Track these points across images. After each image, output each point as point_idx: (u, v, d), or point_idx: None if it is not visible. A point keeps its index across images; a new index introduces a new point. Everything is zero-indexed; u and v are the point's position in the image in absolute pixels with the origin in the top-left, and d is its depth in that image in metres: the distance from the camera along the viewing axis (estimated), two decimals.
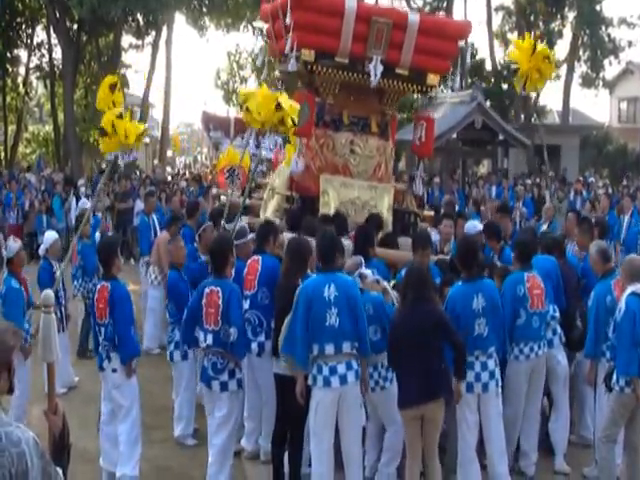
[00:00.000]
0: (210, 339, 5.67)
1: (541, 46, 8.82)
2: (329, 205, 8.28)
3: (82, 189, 18.19)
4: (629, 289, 5.81)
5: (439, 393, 5.41)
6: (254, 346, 6.26)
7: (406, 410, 5.46)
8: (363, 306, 5.52)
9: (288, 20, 8.01)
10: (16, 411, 6.84)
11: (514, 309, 6.17)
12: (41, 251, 8.52)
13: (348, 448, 5.53)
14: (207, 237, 8.02)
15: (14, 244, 7.26)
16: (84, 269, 9.63)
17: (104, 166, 29.41)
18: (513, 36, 32.58)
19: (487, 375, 5.72)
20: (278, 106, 6.96)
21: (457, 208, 12.63)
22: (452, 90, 9.64)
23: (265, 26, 10.09)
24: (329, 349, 5.36)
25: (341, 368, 5.37)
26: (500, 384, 5.88)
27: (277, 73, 9.60)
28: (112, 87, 7.41)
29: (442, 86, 14.99)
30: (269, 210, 8.92)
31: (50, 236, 8.59)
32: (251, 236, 7.01)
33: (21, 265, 7.36)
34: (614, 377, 5.78)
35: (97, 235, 10.66)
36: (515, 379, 6.21)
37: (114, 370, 5.97)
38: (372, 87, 8.52)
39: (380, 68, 8.37)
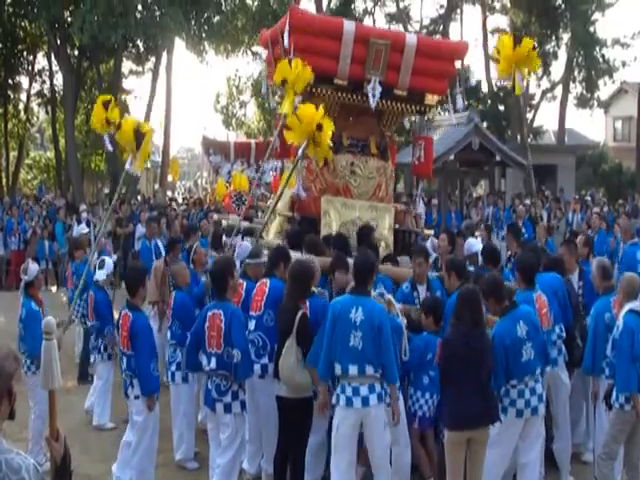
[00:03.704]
0: (214, 362, 5.71)
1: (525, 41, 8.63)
2: (330, 226, 8.31)
3: (83, 214, 18.25)
4: (626, 306, 5.88)
5: (493, 416, 5.40)
6: (257, 368, 6.27)
7: (456, 432, 5.39)
8: (390, 334, 5.51)
9: (287, 43, 8.08)
10: (34, 433, 6.90)
11: None
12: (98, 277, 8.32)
13: (376, 467, 5.60)
14: (199, 256, 8.15)
15: (33, 267, 7.24)
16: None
17: (107, 191, 29.56)
18: None
19: (536, 399, 5.68)
20: (319, 127, 7.21)
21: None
22: (456, 111, 9.66)
23: (264, 53, 10.17)
24: (352, 370, 5.40)
25: (364, 390, 5.40)
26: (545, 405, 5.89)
27: (277, 98, 9.63)
28: (105, 105, 7.60)
29: (440, 109, 15.06)
30: (271, 232, 8.95)
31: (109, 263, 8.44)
32: (264, 259, 7.05)
33: (39, 288, 7.46)
34: (614, 394, 5.83)
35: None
36: None
37: (137, 397, 6.13)
38: (371, 108, 8.60)
39: (378, 89, 8.42)
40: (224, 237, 8.71)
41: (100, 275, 8.28)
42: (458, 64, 9.76)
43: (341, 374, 5.45)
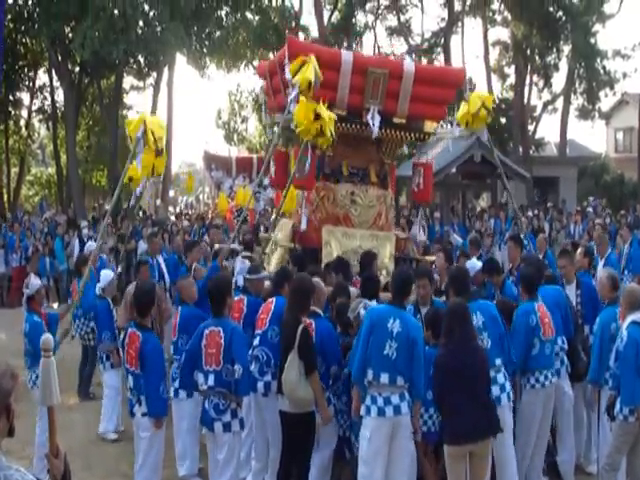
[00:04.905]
0: (212, 380, 5.63)
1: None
2: (332, 256, 8.28)
3: (84, 231, 18.23)
4: (629, 318, 5.88)
5: (493, 428, 5.39)
6: (260, 385, 6.24)
7: (454, 447, 5.37)
8: (422, 353, 5.58)
9: (287, 75, 8.06)
10: (39, 448, 6.80)
11: (528, 339, 6.21)
12: (98, 290, 8.58)
13: (398, 477, 5.57)
14: (197, 275, 8.11)
15: (35, 281, 7.30)
16: (83, 307, 9.61)
17: (107, 207, 29.58)
18: (510, 70, 33.04)
19: (497, 389, 5.73)
20: (317, 116, 7.24)
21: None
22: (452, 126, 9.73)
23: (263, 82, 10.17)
24: (384, 378, 5.46)
25: (395, 399, 5.47)
26: (512, 398, 5.91)
27: (275, 128, 9.60)
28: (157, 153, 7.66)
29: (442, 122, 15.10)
30: (272, 263, 8.89)
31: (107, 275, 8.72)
32: (264, 274, 7.01)
33: (41, 303, 7.47)
34: (617, 406, 5.82)
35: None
36: (531, 408, 6.22)
37: (144, 414, 6.01)
38: (371, 137, 8.59)
39: (377, 118, 8.45)
40: (224, 261, 8.70)
41: (97, 288, 8.54)
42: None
43: (372, 380, 5.49)
